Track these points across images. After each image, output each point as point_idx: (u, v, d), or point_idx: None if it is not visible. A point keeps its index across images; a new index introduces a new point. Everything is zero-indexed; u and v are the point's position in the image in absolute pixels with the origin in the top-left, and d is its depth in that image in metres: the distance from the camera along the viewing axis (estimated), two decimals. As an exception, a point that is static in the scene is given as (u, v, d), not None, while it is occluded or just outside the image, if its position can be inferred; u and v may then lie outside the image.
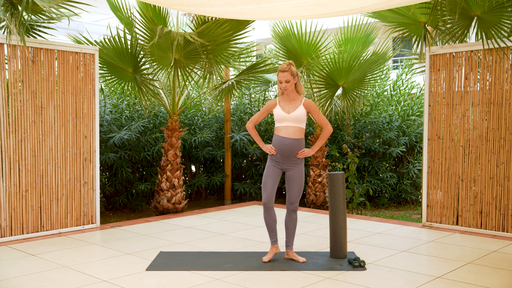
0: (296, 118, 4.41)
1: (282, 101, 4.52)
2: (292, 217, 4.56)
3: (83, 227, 5.97)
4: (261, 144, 4.58)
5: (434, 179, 6.08)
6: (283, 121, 4.44)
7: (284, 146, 4.42)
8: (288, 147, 4.42)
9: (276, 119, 4.48)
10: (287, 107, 4.46)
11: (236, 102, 9.12)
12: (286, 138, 4.42)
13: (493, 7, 5.55)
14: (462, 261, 4.57)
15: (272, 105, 4.55)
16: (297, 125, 4.44)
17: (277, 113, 4.47)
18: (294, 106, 4.46)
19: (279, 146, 4.45)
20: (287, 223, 4.59)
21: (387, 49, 7.42)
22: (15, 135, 5.44)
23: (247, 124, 4.63)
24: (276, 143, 4.46)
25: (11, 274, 4.21)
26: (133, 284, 3.95)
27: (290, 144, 4.42)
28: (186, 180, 8.70)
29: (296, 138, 4.44)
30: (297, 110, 4.43)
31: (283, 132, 4.44)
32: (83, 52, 5.92)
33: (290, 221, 4.57)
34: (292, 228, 4.58)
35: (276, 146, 4.46)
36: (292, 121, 4.42)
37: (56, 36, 6.27)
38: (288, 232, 4.60)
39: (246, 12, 5.59)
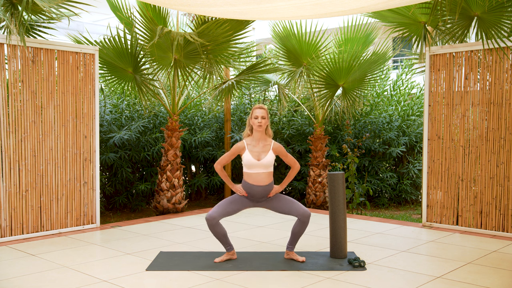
0: (266, 164, 4.40)
1: (250, 144, 4.45)
2: (304, 225, 4.45)
3: (83, 227, 5.97)
4: (230, 185, 4.57)
5: (434, 179, 6.08)
6: (252, 167, 4.39)
7: (255, 193, 4.43)
8: (259, 193, 4.44)
9: (245, 165, 4.42)
10: (256, 152, 4.41)
11: (236, 102, 9.12)
12: (257, 186, 4.40)
13: (493, 7, 5.55)
14: (462, 261, 4.58)
15: (240, 148, 4.46)
16: (267, 170, 4.42)
17: (246, 159, 4.40)
18: (263, 150, 4.42)
19: (249, 192, 4.45)
20: (296, 228, 4.49)
21: (387, 49, 7.41)
22: (15, 135, 5.44)
23: (215, 165, 4.55)
24: (247, 189, 4.45)
25: (11, 274, 4.21)
26: (133, 284, 3.95)
27: (260, 191, 4.43)
28: (186, 180, 8.70)
29: (266, 185, 4.42)
30: (267, 156, 4.40)
31: (254, 178, 4.40)
32: (83, 52, 5.92)
33: (301, 228, 4.46)
34: (299, 233, 4.51)
35: (247, 191, 4.46)
36: (262, 168, 4.39)
37: (56, 36, 6.27)
38: (294, 237, 4.54)
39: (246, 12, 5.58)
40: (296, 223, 4.49)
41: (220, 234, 4.45)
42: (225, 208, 4.43)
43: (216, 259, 4.57)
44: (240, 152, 4.47)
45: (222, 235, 4.46)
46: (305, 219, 4.42)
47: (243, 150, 4.45)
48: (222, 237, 4.47)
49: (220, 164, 4.54)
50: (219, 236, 4.45)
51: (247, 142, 4.46)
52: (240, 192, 4.49)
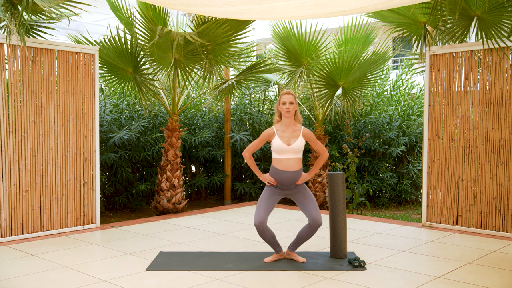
0: (296, 149, 4.36)
1: (279, 129, 4.42)
2: (312, 231, 4.42)
3: (83, 227, 5.97)
4: (258, 174, 4.50)
5: (434, 179, 6.08)
6: (283, 153, 4.35)
7: (284, 179, 4.37)
8: (288, 180, 4.38)
9: (275, 150, 4.37)
10: (285, 138, 4.37)
11: (236, 102, 9.12)
12: (286, 171, 4.35)
13: (493, 7, 5.54)
14: (462, 261, 4.57)
15: (270, 134, 4.42)
16: (297, 156, 4.38)
17: (276, 144, 4.36)
18: (293, 135, 4.38)
19: (278, 178, 4.39)
20: (302, 232, 4.45)
21: (387, 49, 7.42)
22: (15, 135, 5.44)
23: (243, 152, 4.52)
24: (276, 175, 4.39)
25: (11, 274, 4.21)
26: (133, 284, 3.95)
27: (290, 177, 4.37)
28: (186, 180, 8.70)
29: (296, 170, 4.38)
30: (297, 141, 4.36)
31: (283, 164, 4.35)
32: (83, 52, 5.92)
33: (308, 233, 4.43)
34: (304, 238, 4.47)
35: (276, 178, 4.40)
36: (292, 153, 4.35)
37: (56, 36, 6.27)
38: (298, 239, 4.51)
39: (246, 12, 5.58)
40: (304, 227, 4.44)
41: (271, 236, 4.42)
42: (266, 207, 4.37)
43: (266, 259, 4.55)
44: (270, 138, 4.42)
45: (272, 236, 4.43)
46: (314, 226, 4.37)
47: (272, 136, 4.41)
48: (271, 239, 4.44)
49: (249, 151, 4.51)
50: (268, 239, 4.42)
51: (277, 128, 4.44)
52: (269, 181, 4.42)
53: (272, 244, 4.48)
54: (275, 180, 4.41)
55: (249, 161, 4.53)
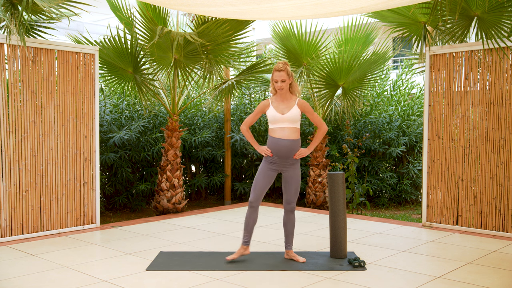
0: (291, 118, 4.34)
1: (275, 101, 4.43)
2: (290, 218, 4.53)
3: (83, 227, 5.97)
4: (256, 146, 4.51)
5: (434, 179, 6.08)
6: (277, 122, 4.36)
7: (281, 147, 4.35)
8: (285, 148, 4.35)
9: (270, 121, 4.39)
10: (280, 108, 4.38)
11: (236, 102, 9.12)
12: (282, 139, 4.35)
13: (493, 7, 5.55)
14: (462, 261, 4.58)
15: (265, 105, 4.45)
16: (292, 125, 4.37)
17: (270, 114, 4.37)
18: (288, 106, 4.39)
19: (275, 148, 4.37)
20: (285, 224, 4.56)
21: (387, 49, 7.41)
22: (15, 135, 5.44)
23: (241, 126, 4.55)
24: (272, 145, 4.38)
25: (11, 274, 4.21)
26: (133, 284, 3.95)
27: (286, 145, 4.35)
28: (186, 180, 8.70)
29: (293, 139, 4.37)
30: (292, 110, 4.35)
31: (279, 133, 4.36)
32: (83, 52, 5.92)
33: (288, 221, 4.54)
34: (291, 228, 4.55)
35: (272, 148, 4.39)
36: (287, 122, 4.35)
37: (56, 36, 6.27)
38: (287, 233, 4.58)
39: (246, 12, 5.58)
40: (283, 216, 4.56)
41: (253, 220, 4.48)
42: (261, 186, 4.41)
43: (229, 256, 4.57)
44: (265, 110, 4.45)
45: (254, 222, 4.48)
46: (287, 209, 4.49)
47: (267, 107, 4.43)
48: (252, 225, 4.49)
49: (246, 124, 4.53)
50: (252, 222, 4.47)
51: (272, 100, 4.45)
52: (265, 153, 4.42)
53: (248, 231, 4.51)
54: (272, 151, 4.40)
55: (247, 134, 4.55)
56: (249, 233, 4.54)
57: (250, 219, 4.49)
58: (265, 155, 4.45)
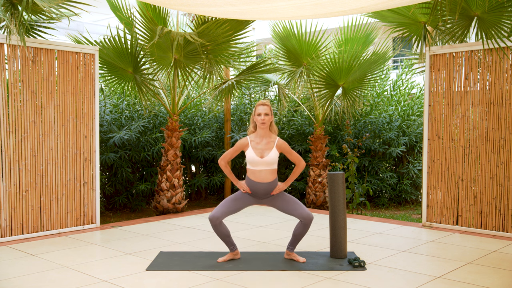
0: (270, 161, 4.36)
1: (253, 140, 4.43)
2: (306, 228, 4.44)
3: (83, 227, 5.97)
4: (235, 181, 4.52)
5: (434, 179, 6.08)
6: (256, 165, 4.37)
7: (258, 189, 4.41)
8: (263, 190, 4.41)
9: (249, 162, 4.40)
10: (259, 149, 4.38)
11: (236, 102, 9.12)
12: (260, 183, 4.38)
13: (493, 7, 5.55)
14: (462, 261, 4.58)
15: (244, 145, 4.43)
16: (270, 168, 4.39)
17: (250, 156, 4.38)
18: (267, 147, 4.39)
19: (252, 189, 4.43)
20: (297, 230, 4.47)
21: (387, 49, 7.41)
22: (15, 135, 5.44)
23: (219, 161, 4.53)
24: (250, 186, 4.43)
25: (11, 274, 4.21)
26: (133, 284, 3.95)
27: (264, 188, 4.40)
28: (186, 180, 8.70)
29: (270, 182, 4.40)
30: (271, 154, 4.36)
31: (257, 176, 4.38)
32: (83, 52, 5.92)
33: (303, 230, 4.44)
34: (300, 235, 4.49)
35: (250, 188, 4.44)
36: (266, 165, 4.36)
37: (56, 36, 6.27)
38: (295, 238, 4.52)
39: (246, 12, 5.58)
40: (298, 225, 4.47)
41: (224, 234, 4.45)
42: (228, 207, 4.41)
43: (219, 258, 4.57)
44: (244, 149, 4.44)
45: (225, 235, 4.46)
46: (307, 222, 4.40)
47: (246, 146, 4.43)
48: (225, 237, 4.47)
49: (224, 160, 4.52)
50: (222, 236, 4.45)
51: (251, 139, 4.44)
52: (244, 189, 4.46)
53: (226, 242, 4.52)
54: (250, 189, 4.44)
55: (225, 170, 4.55)
56: (229, 243, 4.54)
57: (220, 233, 4.44)
58: (243, 191, 4.49)
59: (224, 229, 4.43)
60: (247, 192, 4.47)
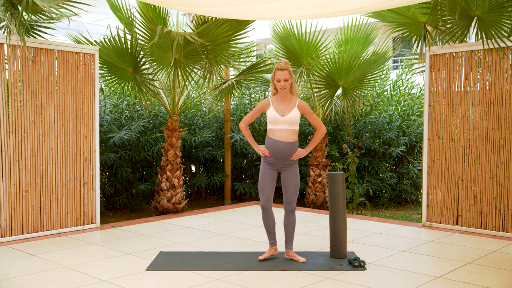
0: (291, 120, 4.35)
1: (275, 101, 4.43)
2: (291, 218, 4.54)
3: (83, 227, 5.97)
4: (254, 145, 4.51)
5: (434, 179, 6.08)
6: (277, 123, 4.36)
7: (278, 149, 4.36)
8: (282, 150, 4.37)
9: (270, 121, 4.39)
10: (280, 109, 4.38)
11: (236, 102, 9.12)
12: (280, 141, 4.36)
13: (493, 7, 5.55)
14: (462, 261, 4.58)
15: (265, 105, 4.44)
16: (291, 127, 4.38)
17: (270, 114, 4.37)
18: (288, 107, 4.39)
19: (273, 149, 4.39)
20: (286, 224, 4.57)
21: (387, 49, 7.41)
22: (15, 135, 5.44)
23: (240, 123, 4.55)
24: (270, 146, 4.39)
25: (11, 274, 4.21)
26: (133, 284, 3.95)
27: (284, 147, 4.36)
28: (186, 180, 8.70)
29: (290, 142, 4.38)
30: (292, 112, 4.36)
31: (277, 135, 4.36)
32: (83, 52, 5.92)
33: (289, 222, 4.55)
34: (291, 228, 4.56)
35: (270, 149, 4.40)
36: (287, 124, 4.35)
37: (56, 36, 6.27)
38: (287, 233, 4.59)
39: (246, 12, 5.58)
40: (284, 216, 4.57)
41: (271, 222, 4.52)
42: (268, 188, 4.44)
43: (260, 256, 4.60)
44: (265, 109, 4.44)
45: (272, 222, 4.53)
46: (288, 209, 4.50)
47: (267, 106, 4.43)
48: (271, 225, 4.53)
49: (245, 122, 4.54)
50: (270, 223, 4.52)
51: (272, 100, 4.45)
52: (263, 152, 4.42)
53: (270, 231, 4.55)
54: (270, 151, 4.41)
55: (245, 132, 4.55)
56: (272, 235, 4.58)
57: (268, 221, 4.53)
58: (263, 155, 4.46)
59: (273, 216, 4.54)
60: (267, 158, 4.43)
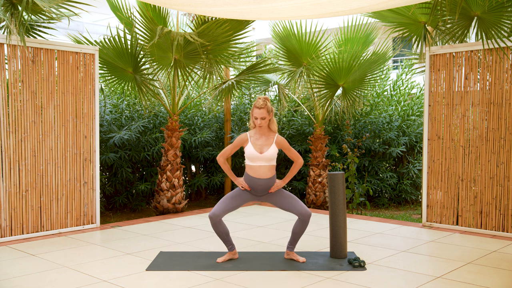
0: (269, 157, 4.36)
1: (253, 136, 4.43)
2: (304, 225, 4.45)
3: (83, 227, 5.97)
4: (233, 179, 4.51)
5: (434, 179, 6.08)
6: (255, 160, 4.37)
7: (257, 186, 4.41)
8: (261, 187, 4.42)
9: (248, 157, 4.40)
10: (259, 144, 4.38)
11: (236, 102, 9.12)
12: (259, 179, 4.38)
13: (493, 7, 5.55)
14: (462, 261, 4.58)
15: (243, 140, 4.43)
16: (269, 163, 4.39)
17: (249, 151, 4.38)
18: (266, 143, 4.39)
19: (251, 185, 4.43)
20: (296, 228, 4.49)
21: (387, 49, 7.41)
22: (15, 135, 5.44)
23: (218, 157, 4.52)
24: (248, 182, 4.43)
25: (11, 274, 4.21)
26: (133, 284, 3.95)
27: (262, 184, 4.40)
28: (186, 180, 8.70)
29: (268, 178, 4.40)
30: (270, 149, 4.36)
31: (256, 171, 4.37)
32: (83, 52, 5.92)
33: (301, 227, 4.46)
34: (299, 233, 4.50)
35: (249, 184, 4.44)
36: (265, 161, 4.36)
37: (56, 36, 6.27)
38: (294, 236, 4.54)
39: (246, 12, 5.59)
40: (296, 223, 4.48)
41: (223, 233, 4.45)
42: (227, 204, 4.41)
43: (219, 259, 4.57)
44: (243, 144, 4.44)
45: (224, 233, 4.46)
46: (305, 218, 4.41)
47: (246, 142, 4.43)
48: (224, 236, 4.47)
49: (223, 156, 4.52)
50: (221, 234, 4.45)
51: (251, 135, 4.45)
52: (243, 186, 4.46)
53: (225, 240, 4.51)
54: (249, 186, 4.44)
55: (224, 166, 4.54)
56: (227, 242, 4.54)
57: (219, 231, 4.44)
58: (242, 189, 4.48)
59: (223, 228, 4.43)
60: (246, 189, 4.47)
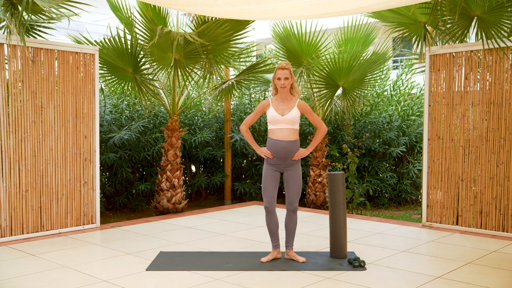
0: (291, 120, 4.35)
1: (275, 101, 4.44)
2: (292, 218, 4.54)
3: (83, 227, 5.97)
4: (255, 147, 4.52)
5: (434, 179, 6.08)
6: (277, 123, 4.37)
7: (280, 149, 4.37)
8: (284, 150, 4.37)
9: (270, 121, 4.40)
10: (280, 108, 4.39)
11: (236, 102, 9.12)
12: (281, 141, 4.36)
13: (493, 7, 5.55)
14: (462, 261, 4.58)
15: (265, 105, 4.45)
16: (292, 126, 4.38)
17: (270, 114, 4.38)
18: (288, 107, 4.39)
19: (274, 149, 4.39)
20: (287, 224, 4.57)
21: (387, 49, 7.41)
22: (15, 135, 5.44)
23: (241, 126, 4.55)
24: (271, 146, 4.40)
25: (11, 274, 4.21)
26: (133, 284, 3.95)
27: (285, 147, 4.36)
28: (186, 180, 8.70)
29: (291, 140, 4.38)
30: (292, 112, 4.36)
31: (278, 134, 4.37)
32: (83, 52, 5.92)
33: (290, 222, 4.55)
34: (292, 228, 4.56)
35: (271, 149, 4.41)
36: (286, 123, 4.36)
37: (56, 36, 6.27)
38: (288, 233, 4.58)
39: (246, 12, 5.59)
40: (285, 218, 4.56)
41: (275, 225, 4.50)
42: (272, 190, 4.43)
43: (262, 258, 4.56)
44: (265, 109, 4.45)
45: (276, 225, 4.50)
46: (290, 209, 4.49)
47: (267, 107, 4.44)
48: (275, 228, 4.51)
49: (246, 125, 4.53)
50: (274, 226, 4.50)
51: (272, 100, 4.46)
52: (265, 155, 4.44)
53: (273, 234, 4.54)
54: (272, 152, 4.41)
55: (246, 134, 4.54)
56: (275, 237, 4.57)
57: (271, 223, 4.51)
58: (265, 157, 4.46)
59: (276, 218, 4.50)
60: (269, 159, 4.43)
